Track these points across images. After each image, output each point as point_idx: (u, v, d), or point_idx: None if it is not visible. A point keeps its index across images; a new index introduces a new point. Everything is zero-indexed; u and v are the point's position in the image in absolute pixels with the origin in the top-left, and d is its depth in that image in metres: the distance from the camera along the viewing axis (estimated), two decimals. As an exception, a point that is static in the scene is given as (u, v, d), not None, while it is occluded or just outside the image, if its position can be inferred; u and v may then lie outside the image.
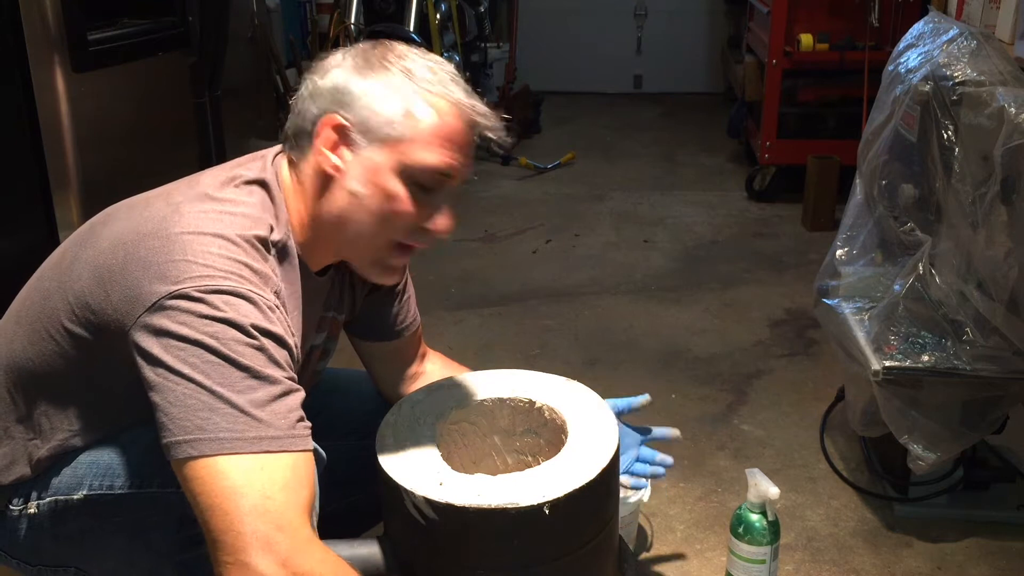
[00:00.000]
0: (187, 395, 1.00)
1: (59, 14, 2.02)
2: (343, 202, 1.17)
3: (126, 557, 1.22)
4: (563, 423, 1.35)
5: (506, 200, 4.18)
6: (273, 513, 0.97)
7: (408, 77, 1.15)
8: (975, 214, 1.72)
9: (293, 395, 1.05)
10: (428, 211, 1.19)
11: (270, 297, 1.08)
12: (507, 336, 2.86)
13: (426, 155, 1.15)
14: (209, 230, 1.08)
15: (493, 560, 1.20)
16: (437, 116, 1.15)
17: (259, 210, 1.15)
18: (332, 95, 1.15)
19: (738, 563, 1.65)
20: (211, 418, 0.99)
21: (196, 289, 1.02)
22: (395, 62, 1.16)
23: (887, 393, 1.78)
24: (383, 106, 1.14)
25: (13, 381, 1.19)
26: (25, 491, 1.20)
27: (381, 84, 1.15)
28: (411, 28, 4.21)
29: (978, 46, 1.83)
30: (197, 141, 2.60)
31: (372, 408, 1.47)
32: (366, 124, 1.14)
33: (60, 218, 2.08)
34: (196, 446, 0.99)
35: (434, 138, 1.15)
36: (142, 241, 1.08)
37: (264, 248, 1.12)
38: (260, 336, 1.03)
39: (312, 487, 1.04)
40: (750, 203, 4.14)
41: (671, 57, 6.32)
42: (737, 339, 2.82)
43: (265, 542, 0.96)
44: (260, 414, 1.00)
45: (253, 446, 0.99)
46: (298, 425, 1.04)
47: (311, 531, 1.01)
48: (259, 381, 1.02)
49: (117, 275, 1.07)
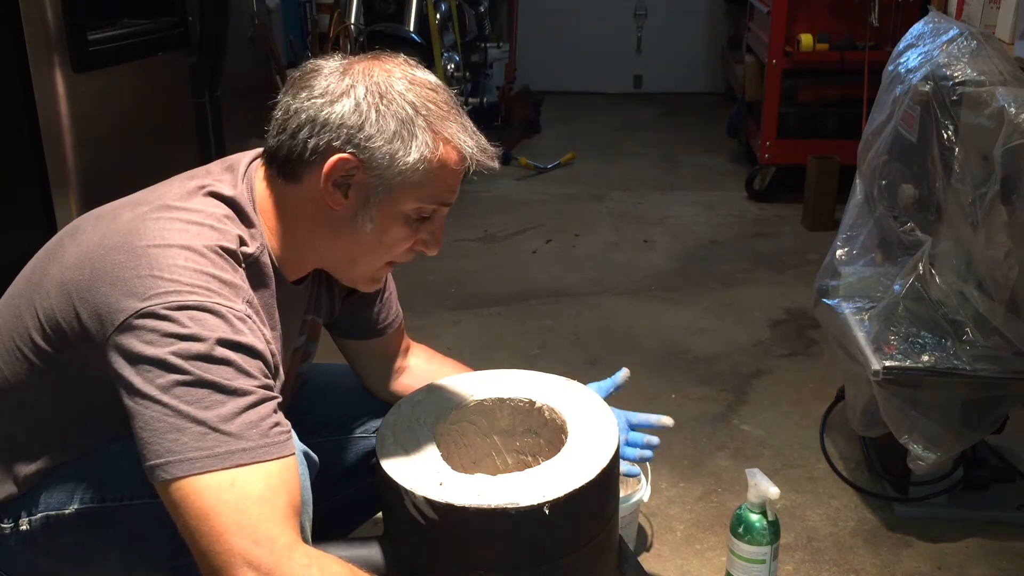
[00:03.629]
0: (155, 418, 1.00)
1: (59, 14, 2.01)
2: (344, 237, 1.18)
3: (121, 567, 1.22)
4: (563, 423, 1.35)
5: (506, 200, 4.17)
6: (248, 528, 0.97)
7: (420, 118, 1.14)
8: (975, 214, 1.72)
9: (266, 404, 1.04)
10: (423, 236, 1.22)
11: (239, 308, 1.06)
12: (507, 336, 2.86)
13: (433, 198, 1.17)
14: (176, 242, 1.07)
15: (493, 560, 1.20)
16: (447, 163, 1.16)
17: (226, 222, 1.13)
18: (342, 132, 1.12)
19: (738, 563, 1.65)
20: (179, 439, 0.99)
21: (163, 306, 1.01)
22: (406, 95, 1.14)
23: (887, 393, 1.78)
24: (395, 151, 1.13)
25: None
26: (14, 509, 1.19)
27: (394, 127, 1.13)
28: (411, 28, 4.21)
29: (978, 46, 1.83)
30: (197, 141, 2.60)
31: (358, 400, 1.47)
32: (376, 167, 1.13)
33: (60, 218, 2.08)
34: (168, 469, 0.99)
35: (442, 183, 1.17)
36: (108, 256, 1.07)
37: (233, 258, 1.11)
38: (227, 350, 1.02)
39: (293, 491, 1.03)
40: (750, 203, 4.14)
41: (671, 57, 6.33)
42: (737, 339, 2.82)
43: (245, 559, 0.97)
44: (229, 428, 1.00)
45: (224, 462, 0.99)
46: (271, 432, 1.03)
47: (292, 537, 1.00)
48: (226, 395, 1.01)
49: (84, 292, 1.06)
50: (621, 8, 6.27)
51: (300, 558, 0.99)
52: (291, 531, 1.00)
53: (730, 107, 4.89)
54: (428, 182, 1.15)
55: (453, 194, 1.20)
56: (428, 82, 1.17)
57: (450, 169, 1.16)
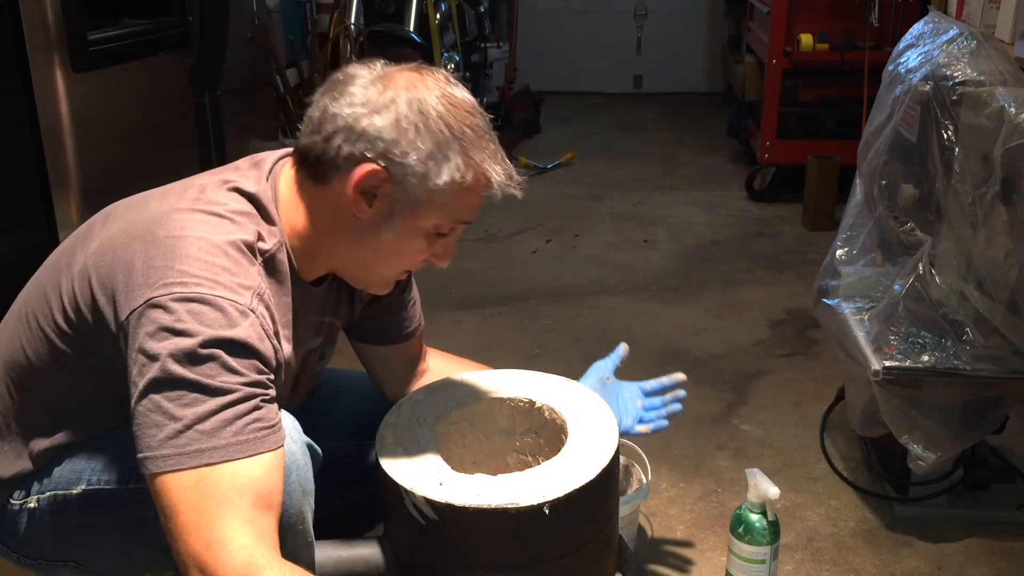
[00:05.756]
0: (141, 412, 1.02)
1: (59, 14, 2.01)
2: (362, 244, 1.19)
3: (124, 551, 1.23)
4: (563, 423, 1.35)
5: (506, 200, 4.15)
6: (204, 530, 0.98)
7: (456, 142, 1.14)
8: (975, 214, 1.72)
9: (248, 401, 1.04)
10: (437, 249, 1.23)
11: (242, 302, 1.07)
12: (507, 336, 2.86)
13: (454, 217, 1.19)
14: (194, 233, 1.09)
15: (493, 560, 1.20)
16: (475, 188, 1.17)
17: (246, 217, 1.15)
18: (378, 145, 1.13)
19: (738, 563, 1.65)
20: (157, 435, 1.01)
21: (168, 297, 1.03)
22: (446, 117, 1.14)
23: (887, 393, 1.78)
24: (427, 171, 1.14)
25: (14, 377, 1.20)
26: (26, 485, 1.22)
27: (429, 147, 1.13)
28: (411, 28, 4.21)
29: (978, 46, 1.83)
30: (197, 141, 2.60)
31: (376, 408, 1.47)
32: (405, 183, 1.14)
33: (60, 218, 2.08)
34: (147, 464, 1.01)
35: (466, 204, 1.19)
36: (130, 244, 1.10)
37: (250, 252, 1.12)
38: (215, 348, 1.03)
39: (265, 489, 1.03)
40: (750, 203, 4.14)
41: (671, 57, 6.33)
42: (737, 339, 2.82)
43: (196, 562, 0.98)
44: (203, 427, 1.01)
45: (193, 460, 1.00)
46: (246, 429, 1.03)
47: (248, 541, 0.98)
48: (206, 395, 1.01)
49: (104, 277, 1.09)
50: (621, 8, 6.27)
51: (243, 565, 0.97)
52: (249, 535, 0.99)
53: (730, 107, 4.89)
54: (453, 203, 1.17)
55: (474, 214, 1.22)
56: (466, 103, 1.18)
57: (476, 193, 1.19)
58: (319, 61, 3.95)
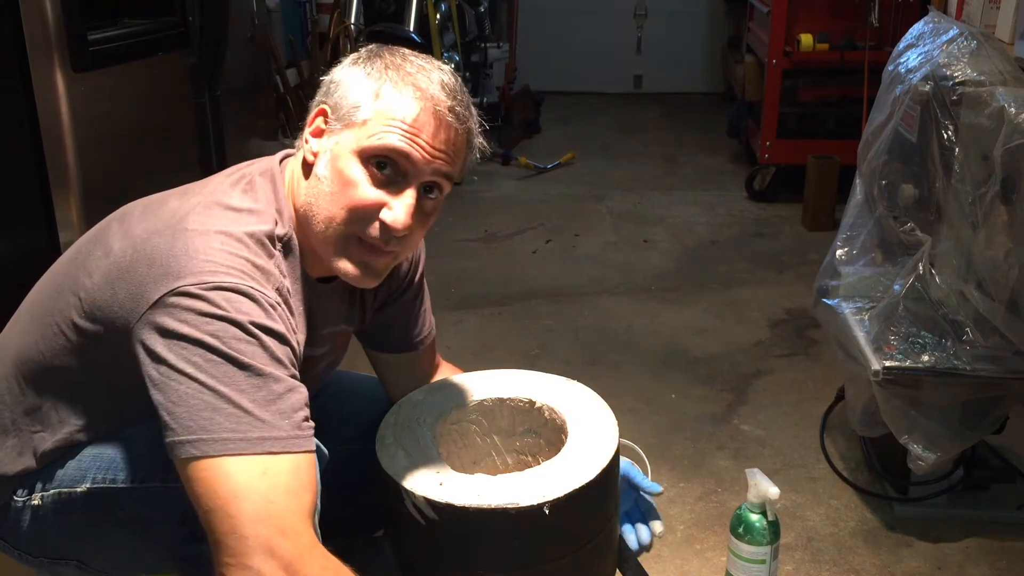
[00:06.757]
0: (190, 394, 0.99)
1: (59, 14, 2.01)
2: (312, 187, 1.17)
3: (128, 551, 1.23)
4: (563, 423, 1.35)
5: (506, 200, 4.17)
6: (276, 518, 0.97)
7: (390, 68, 1.16)
8: (975, 214, 1.72)
9: (296, 393, 1.04)
10: (388, 195, 1.15)
11: (271, 294, 1.07)
12: (507, 336, 2.86)
13: (384, 137, 1.12)
14: (214, 227, 1.08)
15: (493, 560, 1.20)
16: (402, 101, 1.13)
17: (265, 205, 1.16)
18: (323, 86, 1.19)
19: (738, 563, 1.65)
20: (214, 418, 0.98)
21: (197, 286, 1.02)
22: (386, 58, 1.17)
23: (887, 393, 1.78)
24: (355, 91, 1.15)
25: (23, 373, 1.20)
26: (30, 483, 1.21)
27: (362, 73, 1.16)
28: (411, 28, 4.21)
29: (978, 46, 1.83)
30: (197, 141, 2.60)
31: (379, 413, 1.47)
32: (339, 109, 1.15)
33: (60, 218, 2.07)
34: (199, 446, 0.98)
35: (394, 120, 1.12)
36: (150, 239, 1.09)
37: (270, 244, 1.13)
38: (261, 333, 1.03)
39: (314, 490, 1.04)
40: (750, 203, 4.14)
41: (671, 57, 6.33)
42: (737, 339, 2.82)
43: (268, 547, 0.96)
44: (263, 414, 1.00)
45: (256, 447, 0.99)
46: (303, 425, 1.03)
47: (313, 536, 1.00)
48: (261, 379, 1.01)
49: (124, 272, 1.08)
50: (621, 8, 6.28)
51: (319, 558, 0.99)
52: (312, 530, 1.00)
53: (730, 107, 4.89)
54: (380, 120, 1.12)
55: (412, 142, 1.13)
56: (430, 60, 1.19)
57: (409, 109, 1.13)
58: (319, 61, 3.95)
